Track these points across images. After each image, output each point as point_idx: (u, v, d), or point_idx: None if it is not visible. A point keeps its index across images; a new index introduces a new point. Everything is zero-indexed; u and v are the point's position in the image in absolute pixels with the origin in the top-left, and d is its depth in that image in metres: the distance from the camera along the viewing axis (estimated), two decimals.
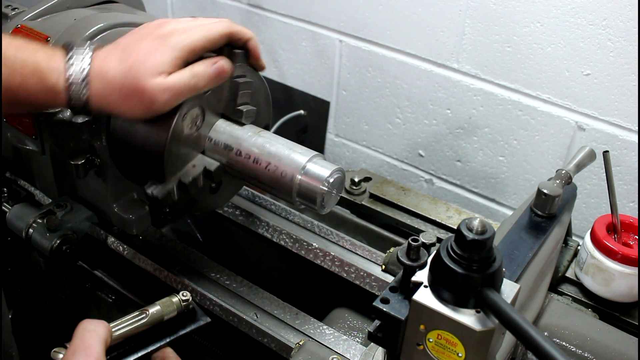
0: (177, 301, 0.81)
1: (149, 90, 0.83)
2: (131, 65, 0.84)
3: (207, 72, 0.88)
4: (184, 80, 0.85)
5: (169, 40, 0.86)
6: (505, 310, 0.62)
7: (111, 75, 0.84)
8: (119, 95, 0.84)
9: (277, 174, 0.91)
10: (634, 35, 1.25)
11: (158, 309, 0.79)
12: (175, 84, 0.85)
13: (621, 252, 0.98)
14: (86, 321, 0.74)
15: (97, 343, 0.72)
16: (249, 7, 1.85)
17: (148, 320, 0.78)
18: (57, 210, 1.12)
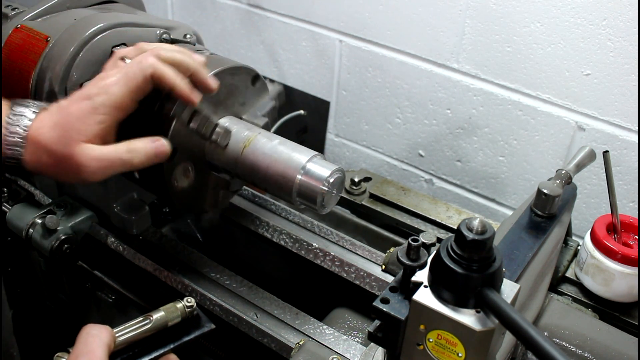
0: (181, 307, 0.80)
1: (76, 157, 0.81)
2: (60, 132, 0.82)
3: (145, 150, 0.85)
4: (117, 154, 0.83)
5: (94, 102, 0.83)
6: (505, 310, 0.62)
7: (42, 139, 0.82)
8: (49, 161, 0.82)
9: (277, 173, 0.91)
10: (634, 35, 1.25)
11: (162, 315, 0.79)
12: (106, 155, 0.82)
13: (621, 252, 0.98)
14: (89, 326, 0.74)
15: (100, 348, 0.71)
16: (249, 7, 1.85)
17: (152, 326, 0.77)
18: (57, 210, 1.12)
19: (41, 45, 1.02)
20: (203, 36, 1.16)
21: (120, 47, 1.02)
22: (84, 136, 0.81)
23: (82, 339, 0.72)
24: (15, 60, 1.03)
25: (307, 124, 1.89)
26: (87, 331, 0.73)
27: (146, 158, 0.85)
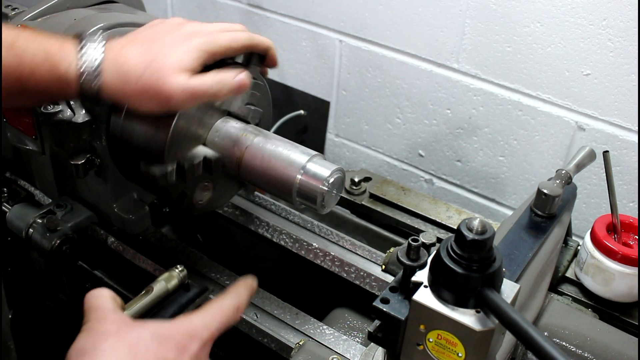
0: (175, 273, 0.84)
1: (168, 87, 0.81)
2: (153, 58, 0.81)
3: (231, 82, 0.85)
4: (206, 85, 0.83)
5: (193, 40, 0.84)
6: (505, 310, 0.62)
7: (129, 66, 0.81)
8: (135, 87, 0.81)
9: (277, 173, 0.91)
10: (634, 35, 1.25)
11: (162, 284, 0.82)
12: (196, 86, 0.82)
13: (621, 252, 0.98)
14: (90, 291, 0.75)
15: (107, 301, 0.72)
16: (249, 7, 1.85)
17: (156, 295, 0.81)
18: (57, 210, 1.12)
19: None
20: None
21: None
22: (179, 65, 0.81)
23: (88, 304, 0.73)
24: None
25: (307, 124, 1.89)
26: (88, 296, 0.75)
27: (231, 90, 0.86)
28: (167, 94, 0.81)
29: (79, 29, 1.01)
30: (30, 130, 1.07)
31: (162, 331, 0.70)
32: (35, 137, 1.07)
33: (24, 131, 1.09)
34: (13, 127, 1.10)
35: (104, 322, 0.69)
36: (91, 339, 0.68)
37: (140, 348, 0.67)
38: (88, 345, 0.67)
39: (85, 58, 0.81)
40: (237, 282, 0.84)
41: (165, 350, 0.68)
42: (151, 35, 0.85)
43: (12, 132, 1.11)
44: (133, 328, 0.69)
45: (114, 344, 0.67)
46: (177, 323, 0.72)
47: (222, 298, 0.79)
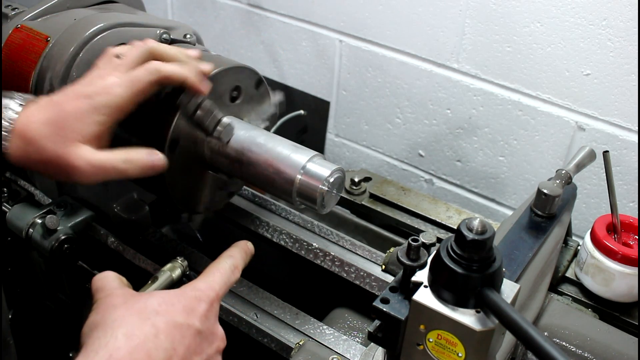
0: (178, 263, 0.87)
1: (71, 160, 0.79)
2: (54, 130, 0.79)
3: (141, 162, 0.83)
4: (114, 162, 0.81)
5: (94, 101, 0.80)
6: (505, 310, 0.62)
7: (32, 135, 0.79)
8: (38, 157, 0.80)
9: (277, 173, 0.91)
10: (634, 35, 1.25)
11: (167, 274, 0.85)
12: (102, 162, 0.80)
13: (621, 252, 0.98)
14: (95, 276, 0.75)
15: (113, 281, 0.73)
16: (249, 7, 1.85)
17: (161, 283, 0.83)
18: (57, 210, 1.12)
19: (41, 45, 1.02)
20: (203, 36, 1.16)
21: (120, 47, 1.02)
22: (80, 136, 0.79)
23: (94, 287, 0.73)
24: (15, 60, 1.03)
25: (307, 124, 1.89)
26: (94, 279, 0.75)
27: (141, 170, 0.83)
28: (70, 168, 0.79)
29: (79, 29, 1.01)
30: None
31: (168, 297, 0.71)
32: None
33: None
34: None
35: (111, 297, 0.70)
36: (101, 312, 0.68)
37: (149, 314, 0.67)
38: (98, 318, 0.68)
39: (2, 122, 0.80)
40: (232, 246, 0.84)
41: (174, 313, 0.69)
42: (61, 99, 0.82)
43: None
44: (140, 297, 0.70)
45: (124, 312, 0.67)
46: (182, 289, 0.73)
47: (218, 261, 0.80)
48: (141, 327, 0.65)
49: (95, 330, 0.66)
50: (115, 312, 0.67)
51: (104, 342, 0.64)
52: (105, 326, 0.66)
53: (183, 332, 0.68)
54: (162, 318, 0.67)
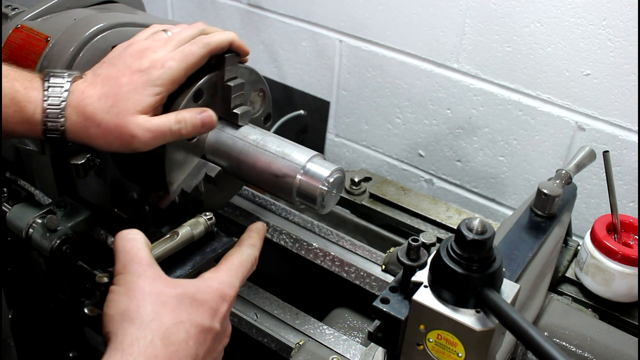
0: (203, 221, 0.84)
1: (130, 128, 0.83)
2: (112, 103, 0.83)
3: (193, 121, 0.87)
4: (168, 125, 0.85)
5: (149, 75, 0.85)
6: (505, 310, 0.62)
7: (90, 110, 0.83)
8: (97, 130, 0.84)
9: (277, 173, 0.91)
10: (634, 35, 1.25)
11: (188, 230, 0.82)
12: (158, 127, 0.84)
13: (621, 252, 0.98)
14: (122, 232, 0.75)
15: (142, 250, 0.73)
16: (249, 7, 1.85)
17: (180, 240, 0.81)
18: (57, 210, 1.12)
19: (41, 45, 1.02)
20: None
21: None
22: (139, 106, 0.83)
23: (121, 247, 0.74)
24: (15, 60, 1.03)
25: (307, 124, 1.90)
26: (122, 237, 0.75)
27: (193, 128, 0.87)
28: (130, 136, 0.83)
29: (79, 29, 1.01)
30: None
31: (198, 295, 0.71)
32: None
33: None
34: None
35: (142, 279, 0.70)
36: (134, 301, 0.68)
37: (182, 313, 0.69)
38: (131, 305, 0.68)
39: (50, 102, 0.83)
40: (250, 230, 0.85)
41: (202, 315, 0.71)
42: (110, 74, 0.86)
43: None
44: (173, 289, 0.71)
45: (159, 309, 0.68)
46: (209, 284, 0.74)
47: (240, 250, 0.81)
48: (176, 332, 0.67)
49: (129, 323, 0.66)
50: (150, 305, 0.68)
51: (143, 345, 0.65)
52: (142, 323, 0.66)
53: (206, 336, 0.71)
54: (192, 320, 0.69)
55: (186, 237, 0.82)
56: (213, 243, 0.86)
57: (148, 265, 0.72)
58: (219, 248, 0.86)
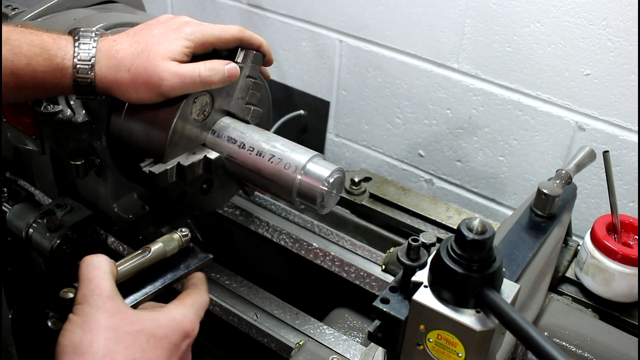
0: (177, 237, 0.83)
1: (159, 72, 0.84)
2: (143, 47, 0.85)
3: (221, 70, 0.89)
4: (197, 71, 0.86)
5: (182, 29, 0.88)
6: (505, 310, 0.62)
7: (121, 55, 0.85)
8: (127, 75, 0.85)
9: (277, 174, 0.91)
10: (634, 35, 1.25)
11: (160, 246, 0.81)
12: (187, 71, 0.85)
13: (621, 252, 0.98)
14: (87, 258, 0.74)
15: (105, 280, 0.71)
16: (249, 7, 1.85)
17: (152, 256, 0.79)
18: (57, 210, 1.12)
19: None
20: None
21: None
22: (169, 52, 0.84)
23: (84, 273, 0.72)
24: None
25: (307, 124, 1.90)
26: (86, 263, 0.73)
27: (222, 78, 0.89)
28: (158, 79, 0.84)
29: None
30: (30, 130, 1.07)
31: (158, 331, 0.70)
32: (35, 137, 1.07)
33: (24, 131, 1.09)
34: (13, 127, 1.10)
35: (100, 313, 0.68)
36: (88, 335, 0.67)
37: (135, 353, 0.67)
38: (85, 342, 0.66)
39: (80, 50, 0.84)
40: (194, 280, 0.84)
41: (158, 352, 0.69)
42: (143, 28, 0.89)
43: (12, 132, 1.11)
44: (131, 325, 0.69)
45: (112, 345, 0.66)
46: (171, 317, 0.73)
47: (199, 291, 0.81)
48: None
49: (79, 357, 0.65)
50: (103, 340, 0.66)
51: None
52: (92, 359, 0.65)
53: None
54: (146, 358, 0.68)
55: (158, 253, 0.81)
56: (187, 259, 0.85)
57: (108, 297, 0.70)
58: (193, 265, 0.84)
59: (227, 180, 1.06)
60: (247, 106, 0.99)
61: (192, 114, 0.93)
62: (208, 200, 1.06)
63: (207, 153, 0.95)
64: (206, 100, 0.94)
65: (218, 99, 0.96)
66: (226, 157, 0.96)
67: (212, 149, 0.96)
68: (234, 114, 0.99)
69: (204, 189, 1.03)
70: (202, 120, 0.95)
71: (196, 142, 0.96)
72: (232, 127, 0.97)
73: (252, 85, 0.98)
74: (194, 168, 0.94)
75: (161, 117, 0.91)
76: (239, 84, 0.97)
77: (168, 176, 0.92)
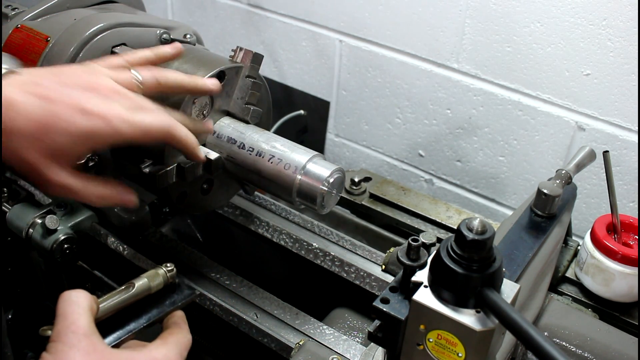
0: (162, 272, 0.80)
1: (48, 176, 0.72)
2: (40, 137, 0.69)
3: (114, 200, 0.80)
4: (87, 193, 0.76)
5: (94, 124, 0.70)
6: (505, 310, 0.62)
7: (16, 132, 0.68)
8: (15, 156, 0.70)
9: (277, 174, 0.92)
10: (634, 35, 1.25)
11: (144, 282, 0.78)
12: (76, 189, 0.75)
13: (621, 252, 0.98)
14: (65, 293, 0.70)
15: (82, 316, 0.67)
16: (249, 7, 1.85)
17: (135, 293, 0.76)
18: (57, 210, 1.12)
19: (41, 45, 1.02)
20: (203, 36, 1.16)
21: (120, 47, 1.02)
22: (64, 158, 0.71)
23: (61, 309, 0.68)
24: None
25: (307, 124, 1.89)
26: (64, 299, 0.69)
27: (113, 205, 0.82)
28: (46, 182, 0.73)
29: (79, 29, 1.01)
30: None
31: None
32: None
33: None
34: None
35: (74, 351, 0.65)
36: None
37: None
38: None
39: None
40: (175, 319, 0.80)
41: None
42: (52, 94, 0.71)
43: None
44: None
45: None
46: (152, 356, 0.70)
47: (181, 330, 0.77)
48: None
49: None
50: None
51: None
52: None
53: None
54: None
55: (142, 289, 0.78)
56: (173, 295, 0.82)
57: (84, 335, 0.66)
58: (179, 301, 0.82)
59: (227, 179, 1.06)
60: (247, 106, 1.00)
61: (192, 114, 0.93)
62: (208, 200, 1.06)
63: (207, 154, 0.95)
64: (205, 101, 0.94)
65: (217, 100, 0.96)
66: (226, 158, 0.96)
67: (212, 149, 0.96)
68: (233, 114, 0.99)
69: (204, 189, 1.03)
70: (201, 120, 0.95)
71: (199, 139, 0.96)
72: (232, 127, 0.97)
73: (252, 85, 0.98)
74: (194, 169, 0.94)
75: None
76: (238, 83, 0.97)
77: (168, 177, 0.92)
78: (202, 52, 1.03)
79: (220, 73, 0.94)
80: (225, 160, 0.96)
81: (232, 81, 0.96)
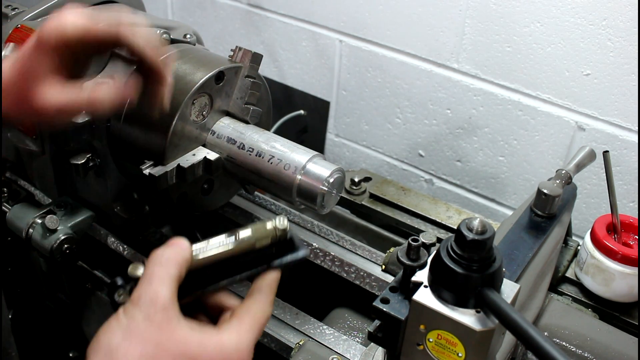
0: (271, 228, 0.69)
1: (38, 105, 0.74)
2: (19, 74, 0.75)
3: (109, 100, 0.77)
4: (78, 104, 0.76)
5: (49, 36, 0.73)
6: (505, 310, 0.62)
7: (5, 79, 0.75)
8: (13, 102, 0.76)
9: (277, 174, 0.92)
10: (634, 35, 1.25)
11: (249, 235, 0.68)
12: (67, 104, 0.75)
13: (621, 252, 0.98)
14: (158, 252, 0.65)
15: (165, 285, 0.63)
16: (249, 7, 1.85)
17: (237, 247, 0.68)
18: (57, 210, 1.12)
19: None
20: (203, 36, 1.16)
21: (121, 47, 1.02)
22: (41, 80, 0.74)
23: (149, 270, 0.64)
24: None
25: (307, 124, 1.89)
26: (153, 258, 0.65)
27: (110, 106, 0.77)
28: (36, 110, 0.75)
29: None
30: (30, 130, 1.07)
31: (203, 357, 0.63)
32: (36, 137, 1.07)
33: (24, 131, 1.09)
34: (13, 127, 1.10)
35: (147, 323, 0.62)
36: (125, 343, 0.62)
37: None
38: (121, 351, 0.61)
39: None
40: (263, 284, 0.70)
41: None
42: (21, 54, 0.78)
43: (12, 132, 1.11)
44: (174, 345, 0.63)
45: None
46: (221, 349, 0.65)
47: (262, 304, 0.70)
48: None
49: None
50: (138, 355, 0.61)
51: None
52: None
53: None
54: None
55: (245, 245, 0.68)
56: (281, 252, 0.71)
57: (162, 308, 0.63)
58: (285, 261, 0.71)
59: (228, 179, 1.06)
60: (247, 106, 0.99)
61: (191, 115, 0.93)
62: (209, 200, 1.06)
63: (207, 154, 0.95)
64: (205, 101, 0.94)
65: (217, 100, 0.96)
66: (226, 158, 0.96)
67: (212, 150, 0.96)
68: (233, 114, 0.99)
69: (204, 189, 1.03)
70: (201, 121, 0.95)
71: (196, 143, 0.96)
72: (232, 127, 0.97)
73: (251, 85, 0.98)
74: (194, 169, 0.94)
75: (160, 119, 0.91)
76: (237, 83, 0.97)
77: (168, 178, 0.92)
78: (202, 52, 1.03)
79: (219, 73, 0.94)
80: (225, 160, 0.96)
81: (232, 81, 0.96)
